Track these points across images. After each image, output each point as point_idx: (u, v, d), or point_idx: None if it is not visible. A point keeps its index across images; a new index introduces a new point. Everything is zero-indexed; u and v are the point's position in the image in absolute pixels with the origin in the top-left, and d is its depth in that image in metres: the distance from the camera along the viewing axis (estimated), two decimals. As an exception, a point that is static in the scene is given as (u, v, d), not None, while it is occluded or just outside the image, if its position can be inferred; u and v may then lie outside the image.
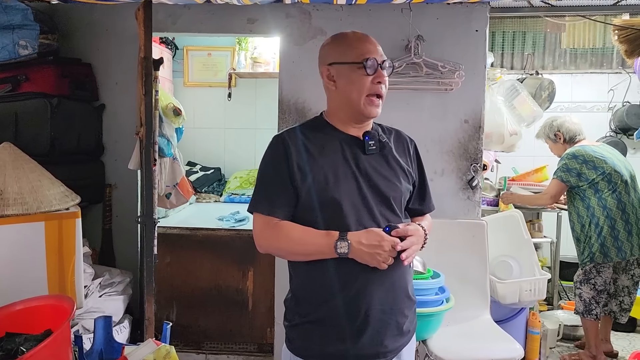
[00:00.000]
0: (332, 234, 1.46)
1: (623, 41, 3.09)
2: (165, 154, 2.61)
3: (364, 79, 1.51)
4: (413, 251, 1.46)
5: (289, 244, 1.51)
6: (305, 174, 1.51)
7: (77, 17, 3.10)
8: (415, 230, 1.49)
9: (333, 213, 1.48)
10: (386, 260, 1.43)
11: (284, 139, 1.56)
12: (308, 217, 1.51)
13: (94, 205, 3.08)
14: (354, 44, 1.54)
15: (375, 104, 1.53)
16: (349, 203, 1.49)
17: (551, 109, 4.38)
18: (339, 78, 1.55)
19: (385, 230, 1.45)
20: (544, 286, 2.97)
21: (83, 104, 2.93)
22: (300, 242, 1.50)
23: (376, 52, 1.52)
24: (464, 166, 2.99)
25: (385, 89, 1.55)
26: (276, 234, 1.51)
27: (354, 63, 1.51)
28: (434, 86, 2.92)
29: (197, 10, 3.02)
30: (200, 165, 4.50)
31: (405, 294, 1.54)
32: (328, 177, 1.50)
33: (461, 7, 2.93)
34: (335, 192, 1.49)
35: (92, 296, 2.38)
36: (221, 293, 3.20)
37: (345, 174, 1.52)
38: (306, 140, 1.56)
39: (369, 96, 1.52)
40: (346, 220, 1.47)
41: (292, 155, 1.52)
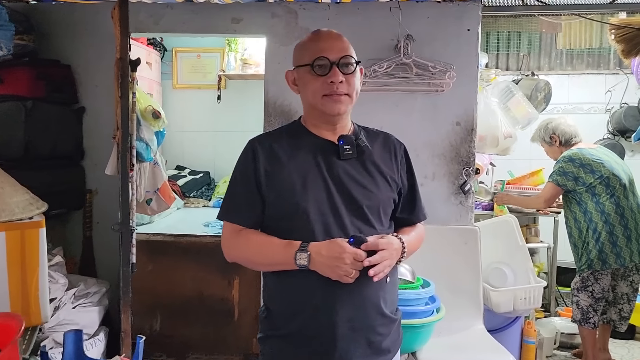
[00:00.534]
0: (293, 244, 1.37)
1: (620, 40, 3.00)
2: (145, 158, 2.51)
3: (316, 80, 1.42)
4: (384, 267, 1.34)
5: (252, 253, 1.44)
6: (272, 180, 1.43)
7: (57, 18, 3.00)
8: (387, 244, 1.37)
9: (300, 222, 1.39)
10: (348, 274, 1.32)
11: (254, 144, 1.49)
12: (276, 225, 1.43)
13: (73, 212, 2.98)
14: (307, 45, 1.47)
15: (334, 99, 1.43)
16: (317, 211, 1.39)
17: (547, 111, 4.28)
18: (299, 82, 1.49)
19: (350, 241, 1.34)
20: (539, 294, 2.87)
21: (61, 107, 2.83)
22: (262, 251, 1.42)
23: (330, 50, 1.42)
24: (455, 170, 2.89)
25: (350, 87, 1.44)
26: (240, 243, 1.45)
27: (306, 65, 1.43)
28: (424, 87, 2.82)
29: (180, 10, 2.92)
30: (189, 169, 4.40)
31: (378, 311, 1.43)
32: (296, 183, 1.41)
33: (452, 5, 2.83)
34: (302, 199, 1.40)
35: (64, 308, 2.27)
36: (206, 302, 3.09)
37: (315, 180, 1.42)
38: (278, 145, 1.48)
39: (326, 95, 1.43)
40: (313, 230, 1.38)
41: (259, 161, 1.45)
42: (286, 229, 1.41)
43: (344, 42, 1.47)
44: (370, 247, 1.34)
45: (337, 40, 1.46)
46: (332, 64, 1.41)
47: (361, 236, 1.36)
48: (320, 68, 1.41)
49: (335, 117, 1.46)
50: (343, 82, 1.42)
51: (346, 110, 1.46)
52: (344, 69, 1.42)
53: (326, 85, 1.41)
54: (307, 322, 1.40)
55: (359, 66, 1.47)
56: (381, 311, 1.43)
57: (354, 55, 1.47)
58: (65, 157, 2.90)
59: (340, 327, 1.38)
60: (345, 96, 1.43)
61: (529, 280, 2.90)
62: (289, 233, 1.40)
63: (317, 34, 1.49)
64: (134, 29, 2.89)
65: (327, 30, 1.50)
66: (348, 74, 1.43)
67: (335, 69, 1.41)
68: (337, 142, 1.47)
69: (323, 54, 1.41)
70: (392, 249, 1.38)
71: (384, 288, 1.44)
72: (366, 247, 1.34)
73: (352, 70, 1.44)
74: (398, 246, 1.41)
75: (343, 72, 1.42)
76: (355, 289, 1.37)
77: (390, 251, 1.36)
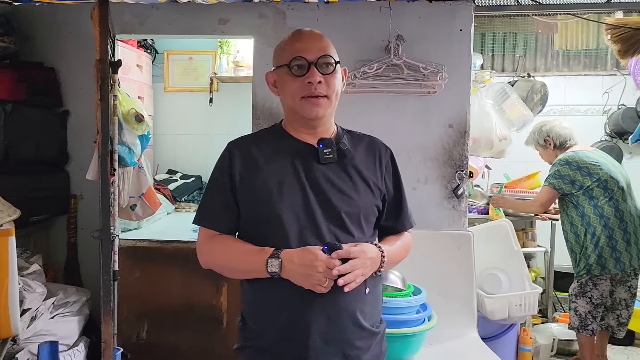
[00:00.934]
0: (265, 250, 1.31)
1: (616, 40, 2.93)
2: (128, 162, 2.45)
3: (294, 81, 1.37)
4: (355, 276, 1.27)
5: (224, 258, 1.39)
6: (247, 185, 1.38)
7: (40, 19, 2.94)
8: (359, 252, 1.30)
9: (274, 228, 1.34)
10: (322, 283, 1.26)
11: (231, 148, 1.45)
12: (251, 231, 1.38)
13: (57, 218, 2.91)
14: (286, 45, 1.42)
15: (313, 102, 1.37)
16: (292, 217, 1.33)
17: (544, 113, 4.22)
18: (278, 83, 1.44)
19: (324, 249, 1.28)
20: (535, 300, 2.80)
21: (43, 110, 2.77)
22: (234, 257, 1.37)
23: (308, 50, 1.37)
24: (448, 173, 2.82)
25: (329, 88, 1.38)
26: (213, 248, 1.40)
27: (283, 66, 1.39)
28: (416, 89, 2.75)
29: (166, 11, 2.86)
30: (180, 173, 4.33)
31: (354, 323, 1.35)
32: (271, 188, 1.36)
33: (444, 5, 2.77)
34: (277, 204, 1.34)
35: (41, 318, 2.20)
36: (194, 309, 3.01)
37: (292, 185, 1.36)
38: (256, 148, 1.43)
39: (304, 97, 1.37)
40: (287, 236, 1.32)
41: (235, 165, 1.40)
42: (261, 234, 1.36)
43: (323, 41, 1.41)
44: (342, 255, 1.27)
45: (316, 39, 1.40)
46: (310, 64, 1.36)
47: (336, 244, 1.30)
48: (298, 68, 1.36)
49: (313, 120, 1.40)
50: (322, 82, 1.36)
51: (325, 113, 1.40)
52: (323, 69, 1.37)
53: (304, 86, 1.36)
54: (281, 334, 1.34)
55: (339, 66, 1.41)
56: (359, 323, 1.36)
57: (335, 55, 1.40)
58: (49, 162, 2.83)
59: (314, 339, 1.31)
60: (324, 98, 1.37)
61: (525, 286, 2.83)
62: (263, 239, 1.34)
63: (296, 33, 1.44)
64: (119, 30, 2.84)
65: (308, 30, 1.44)
66: (327, 74, 1.37)
67: (313, 69, 1.35)
68: (316, 145, 1.41)
69: (301, 54, 1.36)
70: (366, 258, 1.31)
71: (362, 299, 1.36)
72: (337, 255, 1.27)
73: (331, 70, 1.38)
74: (374, 255, 1.34)
75: (322, 73, 1.36)
76: (330, 300, 1.30)
77: (363, 260, 1.29)
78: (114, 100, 2.29)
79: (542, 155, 3.42)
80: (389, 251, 1.39)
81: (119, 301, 2.98)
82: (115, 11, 2.75)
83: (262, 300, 1.36)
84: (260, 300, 1.36)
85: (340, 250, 1.28)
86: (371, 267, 1.33)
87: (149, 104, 4.21)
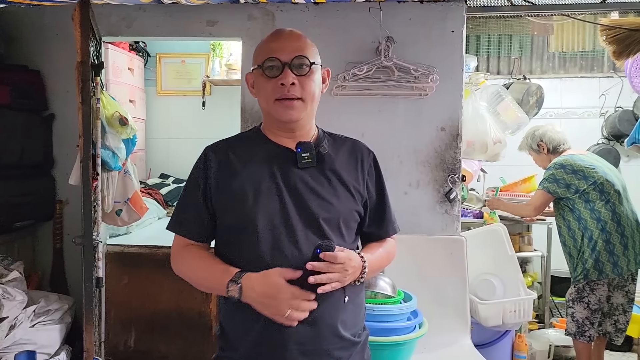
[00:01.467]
0: (229, 272, 1.26)
1: (611, 41, 2.88)
2: (112, 167, 2.39)
3: (267, 83, 1.32)
4: (331, 287, 1.22)
5: (192, 273, 1.35)
6: (222, 190, 1.32)
7: (25, 21, 2.89)
8: (345, 259, 1.24)
9: (247, 235, 1.28)
10: (282, 314, 1.20)
11: (207, 152, 1.40)
12: (227, 238, 1.33)
13: (42, 223, 2.86)
14: (261, 46, 1.38)
15: (286, 105, 1.32)
16: (267, 224, 1.28)
17: (540, 115, 4.17)
18: (255, 85, 1.39)
19: (316, 252, 1.22)
20: (529, 307, 2.74)
21: (28, 114, 2.72)
22: (200, 273, 1.33)
23: (282, 50, 1.31)
24: (441, 177, 2.77)
25: (303, 90, 1.32)
26: (184, 258, 1.36)
27: (258, 67, 1.34)
28: (407, 91, 2.70)
29: (153, 13, 2.81)
30: (173, 177, 4.29)
31: (334, 333, 1.30)
32: (247, 194, 1.30)
33: (435, 6, 2.72)
34: (252, 210, 1.29)
35: (21, 326, 2.14)
36: (183, 316, 2.96)
37: (269, 190, 1.31)
38: (232, 152, 1.38)
39: (278, 100, 1.32)
40: (259, 245, 1.27)
41: (211, 169, 1.35)
42: (234, 241, 1.31)
43: (300, 41, 1.35)
44: (328, 257, 1.22)
45: (293, 39, 1.35)
46: (284, 65, 1.30)
47: (329, 244, 1.23)
48: (271, 69, 1.31)
49: (288, 123, 1.35)
50: (295, 84, 1.30)
51: (299, 116, 1.34)
52: (297, 70, 1.31)
53: (277, 88, 1.31)
54: (257, 345, 1.28)
55: (316, 67, 1.35)
56: (338, 334, 1.30)
57: (312, 56, 1.35)
58: (34, 166, 2.78)
59: (291, 350, 1.26)
60: (298, 101, 1.32)
61: (519, 292, 2.78)
62: (236, 246, 1.30)
63: (275, 33, 1.39)
64: (105, 32, 2.80)
65: (288, 30, 1.39)
66: (301, 75, 1.32)
67: (287, 71, 1.30)
68: (295, 149, 1.36)
69: (274, 55, 1.31)
70: (349, 265, 1.25)
71: (342, 308, 1.31)
72: (324, 257, 1.21)
73: (306, 71, 1.32)
74: (357, 264, 1.29)
75: (296, 74, 1.31)
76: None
77: (345, 266, 1.24)
78: (97, 103, 2.24)
79: (535, 160, 3.37)
80: (370, 260, 1.34)
81: (106, 308, 2.94)
82: (102, 13, 2.72)
83: (237, 309, 1.29)
84: (235, 309, 1.30)
85: (327, 253, 1.22)
86: (351, 276, 1.28)
87: (141, 107, 4.17)
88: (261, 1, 2.63)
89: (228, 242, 1.33)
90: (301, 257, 1.25)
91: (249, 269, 1.25)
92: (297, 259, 1.25)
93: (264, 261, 1.26)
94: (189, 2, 2.40)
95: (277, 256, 1.26)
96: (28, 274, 2.59)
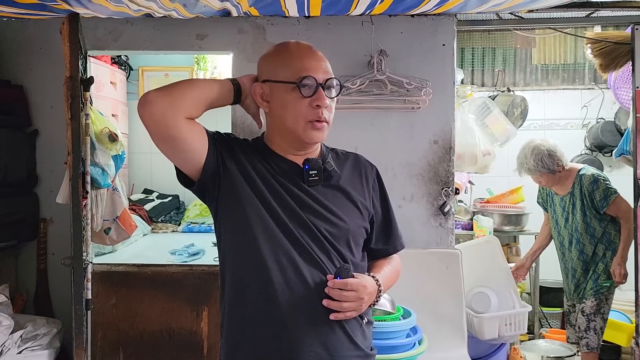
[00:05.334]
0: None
1: (597, 55, 2.93)
2: (101, 184, 2.32)
3: (300, 102, 1.27)
4: (344, 316, 1.22)
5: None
6: (234, 182, 1.29)
7: (8, 35, 2.81)
8: (359, 285, 1.22)
9: (251, 252, 1.26)
10: None
11: (247, 140, 1.41)
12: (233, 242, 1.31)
13: (26, 243, 2.76)
14: (289, 59, 1.30)
15: (318, 128, 1.28)
16: (274, 245, 1.26)
17: (524, 127, 4.23)
18: (272, 99, 1.31)
19: (337, 278, 1.22)
20: (524, 319, 2.74)
21: (10, 130, 2.63)
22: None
23: (318, 70, 1.27)
24: (434, 190, 2.76)
25: (330, 114, 1.30)
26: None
27: (288, 82, 1.27)
28: (400, 105, 2.70)
29: (141, 27, 2.76)
30: (157, 192, 4.20)
31: (350, 341, 1.27)
32: (255, 203, 1.27)
33: (426, 19, 2.73)
34: (255, 230, 1.26)
35: (8, 353, 2.05)
36: (173, 336, 2.88)
37: (273, 205, 1.28)
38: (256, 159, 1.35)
39: (310, 122, 1.28)
40: (265, 262, 1.24)
41: (240, 152, 1.32)
42: (241, 251, 1.29)
43: (327, 63, 1.33)
44: (337, 285, 1.20)
45: (323, 59, 1.32)
46: (318, 85, 1.26)
47: (348, 267, 1.23)
48: (306, 89, 1.26)
49: (309, 144, 1.32)
50: (328, 107, 1.28)
51: (324, 139, 1.33)
52: (328, 92, 1.28)
53: (311, 110, 1.26)
54: None
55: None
56: (355, 343, 1.28)
57: None
58: (17, 184, 2.68)
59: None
60: (325, 124, 1.29)
61: (514, 303, 2.77)
62: (240, 259, 1.28)
63: (300, 46, 1.33)
64: (91, 46, 2.73)
65: (306, 44, 1.34)
66: (331, 97, 1.29)
67: (321, 92, 1.26)
68: (302, 165, 1.32)
69: (311, 73, 1.26)
70: (365, 293, 1.23)
71: (359, 330, 1.29)
72: (333, 285, 1.20)
73: (334, 94, 1.30)
74: (372, 289, 1.27)
75: (327, 96, 1.28)
76: (325, 331, 1.23)
77: (360, 294, 1.22)
78: (86, 119, 2.17)
79: (546, 180, 3.16)
80: (383, 282, 1.32)
81: (93, 330, 2.83)
82: (88, 26, 2.65)
83: (249, 320, 1.26)
84: (245, 321, 1.27)
85: (338, 281, 1.21)
86: (367, 302, 1.26)
87: (123, 121, 4.09)
88: (252, 15, 2.59)
89: (234, 249, 1.30)
90: (310, 274, 1.24)
91: (255, 284, 1.24)
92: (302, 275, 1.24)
93: (270, 276, 1.23)
94: (180, 15, 2.35)
95: (288, 274, 1.24)
96: (12, 296, 2.48)
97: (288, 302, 1.22)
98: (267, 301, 1.23)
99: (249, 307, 1.26)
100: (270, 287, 1.22)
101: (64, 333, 2.56)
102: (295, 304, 1.22)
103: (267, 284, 1.23)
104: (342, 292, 1.20)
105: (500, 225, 3.83)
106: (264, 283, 1.23)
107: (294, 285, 1.22)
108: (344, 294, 1.20)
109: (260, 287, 1.23)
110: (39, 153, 2.82)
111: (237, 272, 1.29)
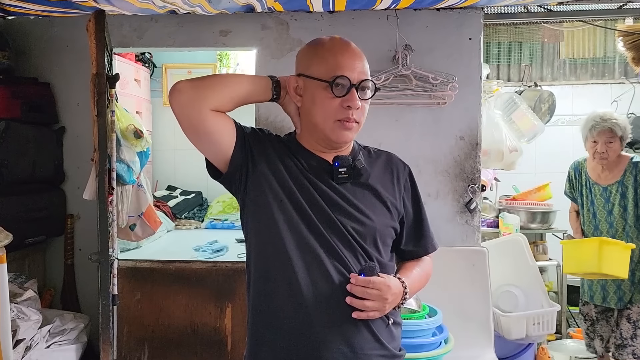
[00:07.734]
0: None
1: (630, 47, 2.85)
2: (126, 181, 2.34)
3: (330, 101, 1.24)
4: (367, 316, 1.21)
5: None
6: (261, 175, 1.27)
7: (35, 33, 2.85)
8: (383, 285, 1.20)
9: (276, 248, 1.24)
10: None
11: (279, 137, 1.38)
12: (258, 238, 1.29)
13: (53, 239, 2.79)
14: (324, 55, 1.26)
15: (347, 127, 1.26)
16: (300, 240, 1.24)
17: (552, 122, 4.13)
18: (305, 93, 1.29)
19: (361, 275, 1.21)
20: (553, 318, 2.68)
21: (39, 127, 2.66)
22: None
23: (352, 69, 1.24)
24: (460, 187, 2.72)
25: (362, 115, 1.28)
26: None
27: (320, 80, 1.24)
28: (425, 100, 2.66)
29: (165, 23, 2.77)
30: (180, 189, 4.23)
31: (376, 340, 1.26)
32: (280, 199, 1.26)
33: (452, 13, 2.68)
34: (279, 225, 1.24)
35: (36, 348, 2.07)
36: (197, 332, 2.89)
37: (305, 201, 1.26)
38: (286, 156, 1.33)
39: (339, 121, 1.25)
40: (292, 261, 1.23)
41: (272, 149, 1.30)
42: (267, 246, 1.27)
43: (364, 61, 1.29)
44: (361, 282, 1.19)
45: (360, 58, 1.28)
46: (351, 86, 1.23)
47: (373, 266, 1.22)
48: (339, 88, 1.23)
49: (337, 143, 1.29)
50: (359, 108, 1.25)
51: (352, 138, 1.31)
52: (361, 93, 1.25)
53: (341, 110, 1.24)
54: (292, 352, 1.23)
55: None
56: (380, 342, 1.26)
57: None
58: (44, 181, 2.72)
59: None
60: (355, 124, 1.27)
61: (542, 302, 2.72)
62: (266, 253, 1.27)
63: (336, 42, 1.29)
64: (117, 43, 2.75)
65: (352, 44, 1.30)
66: (364, 99, 1.26)
67: (353, 93, 1.23)
68: (332, 163, 1.30)
69: (345, 73, 1.23)
70: (389, 293, 1.21)
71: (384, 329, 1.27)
72: (356, 282, 1.19)
73: (368, 96, 1.27)
74: (398, 291, 1.24)
75: (360, 97, 1.25)
76: (350, 330, 1.22)
77: (384, 294, 1.20)
78: (112, 116, 2.18)
79: (613, 146, 2.85)
80: (410, 284, 1.29)
81: (118, 325, 2.87)
82: (113, 24, 2.67)
83: (272, 322, 1.25)
84: (269, 322, 1.26)
85: (361, 278, 1.20)
86: (391, 304, 1.23)
87: (147, 118, 4.12)
88: (276, 10, 2.58)
89: (258, 244, 1.29)
90: (335, 271, 1.22)
91: (279, 279, 1.23)
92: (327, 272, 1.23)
93: (294, 271, 1.22)
94: (205, 11, 2.35)
95: (313, 271, 1.23)
96: (40, 291, 2.52)
97: (312, 298, 1.20)
98: (291, 297, 1.22)
99: (274, 302, 1.25)
100: (295, 282, 1.21)
101: (91, 328, 2.59)
102: (320, 301, 1.21)
103: (292, 279, 1.22)
104: (365, 290, 1.19)
105: (527, 222, 3.74)
106: (288, 278, 1.22)
107: (319, 282, 1.21)
108: (367, 291, 1.19)
109: (285, 282, 1.23)
110: (65, 150, 2.85)
111: (263, 267, 1.28)
